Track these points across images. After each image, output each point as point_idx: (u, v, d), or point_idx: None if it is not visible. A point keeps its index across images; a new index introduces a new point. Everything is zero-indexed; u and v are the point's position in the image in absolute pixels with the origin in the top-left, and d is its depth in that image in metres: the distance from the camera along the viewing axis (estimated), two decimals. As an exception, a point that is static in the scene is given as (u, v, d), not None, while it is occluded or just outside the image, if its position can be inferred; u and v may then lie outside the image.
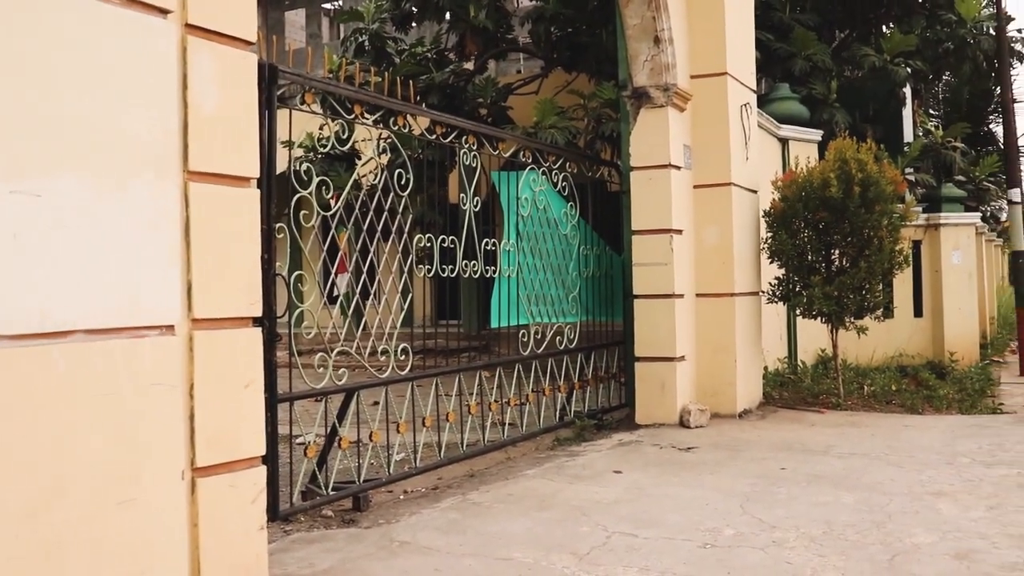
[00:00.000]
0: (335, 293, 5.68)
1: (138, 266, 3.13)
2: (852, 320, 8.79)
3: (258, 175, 3.78)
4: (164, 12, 3.31)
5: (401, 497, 5.53)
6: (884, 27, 14.37)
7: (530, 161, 7.29)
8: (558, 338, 7.52)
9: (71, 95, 2.93)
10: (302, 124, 4.97)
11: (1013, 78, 14.90)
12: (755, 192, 9.14)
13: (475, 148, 6.37)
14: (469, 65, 13.80)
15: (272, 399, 4.43)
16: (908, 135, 14.28)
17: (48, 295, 2.82)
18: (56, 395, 2.82)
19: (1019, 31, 14.78)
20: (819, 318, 8.87)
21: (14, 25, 2.75)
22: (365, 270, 5.32)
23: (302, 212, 4.79)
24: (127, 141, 3.12)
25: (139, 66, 3.19)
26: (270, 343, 4.35)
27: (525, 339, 7.04)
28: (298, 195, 4.83)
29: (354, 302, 5.31)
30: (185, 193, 3.40)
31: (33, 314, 2.77)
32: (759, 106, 9.98)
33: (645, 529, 4.69)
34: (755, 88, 9.39)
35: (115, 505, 2.98)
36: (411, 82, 6.31)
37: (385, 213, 5.44)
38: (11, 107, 2.73)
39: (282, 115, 4.73)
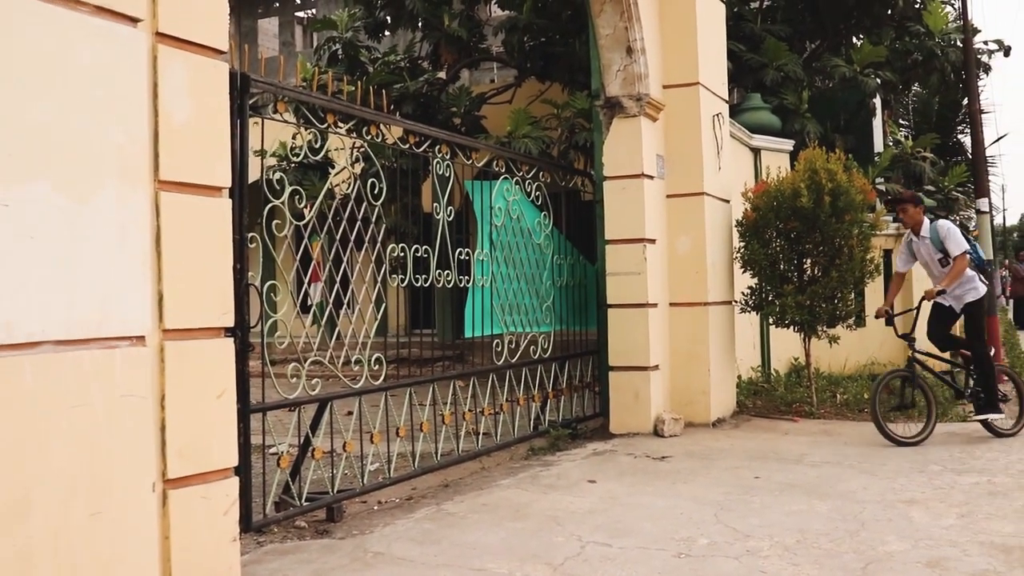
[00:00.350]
0: (308, 303, 5.65)
1: (108, 276, 3.11)
2: (824, 329, 8.85)
3: (230, 184, 3.77)
4: (134, 21, 3.30)
5: (375, 508, 5.50)
6: (854, 38, 14.52)
7: (504, 171, 7.28)
8: (532, 347, 7.51)
9: (39, 104, 2.90)
10: (275, 133, 4.95)
11: (980, 89, 15.11)
12: (727, 201, 9.20)
13: (449, 158, 6.37)
14: (443, 74, 13.79)
15: (245, 409, 4.39)
16: (878, 145, 14.41)
17: (15, 306, 2.79)
18: (24, 407, 2.79)
19: (985, 43, 14.93)
20: (792, 327, 8.93)
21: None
22: (339, 280, 5.30)
23: (275, 221, 4.76)
24: (96, 150, 3.10)
25: (109, 75, 3.17)
26: (243, 353, 4.32)
27: (499, 348, 7.04)
28: (271, 204, 4.81)
29: (327, 312, 5.28)
30: (156, 203, 3.38)
31: (1, 324, 2.74)
32: (731, 116, 10.06)
33: (620, 539, 4.69)
34: (727, 98, 9.47)
35: (86, 517, 2.95)
36: (384, 91, 6.31)
37: (359, 222, 5.42)
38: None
39: (254, 124, 4.71)
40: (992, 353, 7.89)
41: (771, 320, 9.26)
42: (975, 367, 7.59)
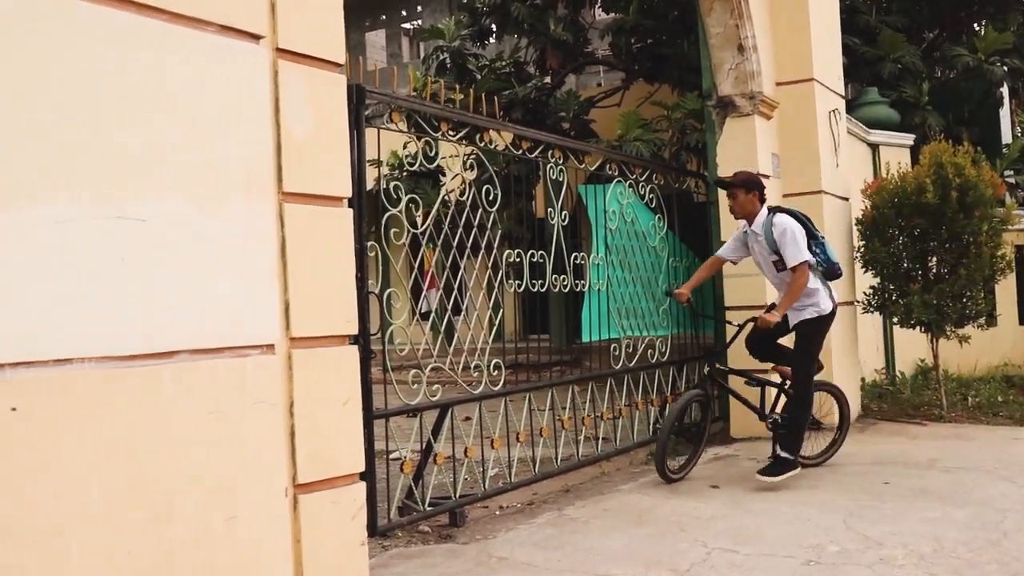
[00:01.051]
0: (424, 309, 5.71)
1: (239, 287, 3.19)
2: (953, 329, 8.50)
3: (350, 194, 3.83)
4: (256, 38, 3.38)
5: (497, 512, 5.52)
6: (976, 25, 13.93)
7: (616, 174, 7.25)
8: (649, 351, 7.45)
9: (170, 122, 3.00)
10: (386, 143, 5.02)
11: (1117, 73, 14.26)
12: (846, 199, 8.93)
13: (562, 162, 6.36)
14: (549, 79, 13.81)
15: (368, 416, 4.46)
16: (1006, 136, 13.80)
17: (155, 316, 2.88)
18: (164, 413, 2.88)
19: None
20: (918, 327, 8.61)
21: (120, 61, 2.83)
22: (456, 286, 5.34)
23: (392, 230, 4.83)
24: (224, 165, 3.18)
25: (234, 91, 3.25)
26: (365, 360, 4.39)
27: (616, 353, 6.99)
28: (388, 213, 4.88)
29: (446, 318, 5.33)
30: (280, 214, 3.45)
31: (141, 335, 2.84)
32: (847, 112, 9.76)
33: (745, 545, 4.59)
34: (843, 93, 9.20)
35: (223, 521, 3.03)
36: (495, 98, 6.34)
37: (474, 229, 5.46)
38: (116, 137, 2.81)
39: (369, 134, 4.78)
40: (817, 373, 6.34)
41: (895, 320, 8.95)
42: (791, 397, 6.22)
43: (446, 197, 5.49)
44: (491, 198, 5.58)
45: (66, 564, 2.58)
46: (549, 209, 6.33)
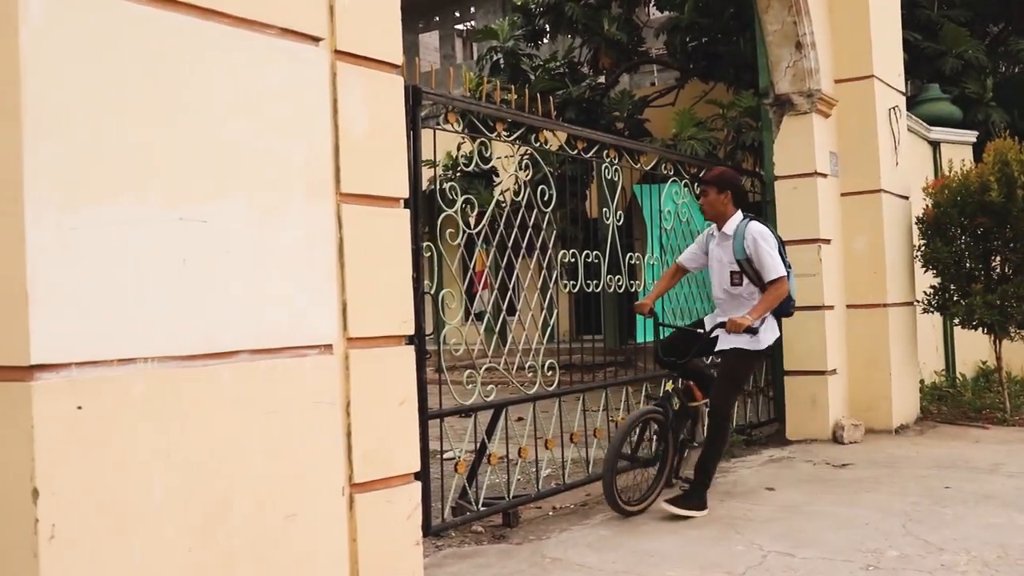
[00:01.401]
0: (478, 310, 5.73)
1: (297, 288, 3.22)
2: (1017, 330, 8.31)
3: (407, 195, 3.85)
4: (316, 40, 3.41)
5: (550, 513, 5.51)
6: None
7: (671, 173, 7.20)
8: (703, 352, 7.37)
9: (231, 124, 3.04)
10: (440, 144, 5.04)
11: None
12: (906, 198, 8.78)
13: (616, 161, 6.34)
14: (603, 79, 13.77)
15: (423, 416, 4.48)
16: (1074, 132, 13.43)
17: (215, 317, 2.92)
18: (225, 412, 2.92)
19: None
20: (980, 328, 8.43)
21: (184, 64, 2.88)
22: (511, 286, 5.35)
23: (447, 230, 4.84)
24: (283, 166, 3.22)
25: (293, 93, 3.29)
26: (420, 360, 4.41)
27: (672, 354, 6.92)
28: (444, 213, 4.90)
29: (501, 318, 5.34)
30: (338, 215, 3.48)
31: (201, 335, 2.88)
32: (907, 108, 9.58)
33: (802, 549, 4.53)
34: (903, 90, 9.04)
35: (281, 519, 3.07)
36: (549, 97, 6.34)
37: (529, 229, 5.46)
38: (177, 139, 2.85)
39: (424, 135, 4.80)
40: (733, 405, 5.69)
41: (956, 321, 8.78)
42: (708, 428, 5.57)
43: (500, 198, 5.50)
44: (546, 198, 5.58)
45: (129, 562, 2.62)
46: (604, 209, 6.31)
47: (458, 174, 10.10)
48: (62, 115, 2.54)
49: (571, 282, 5.93)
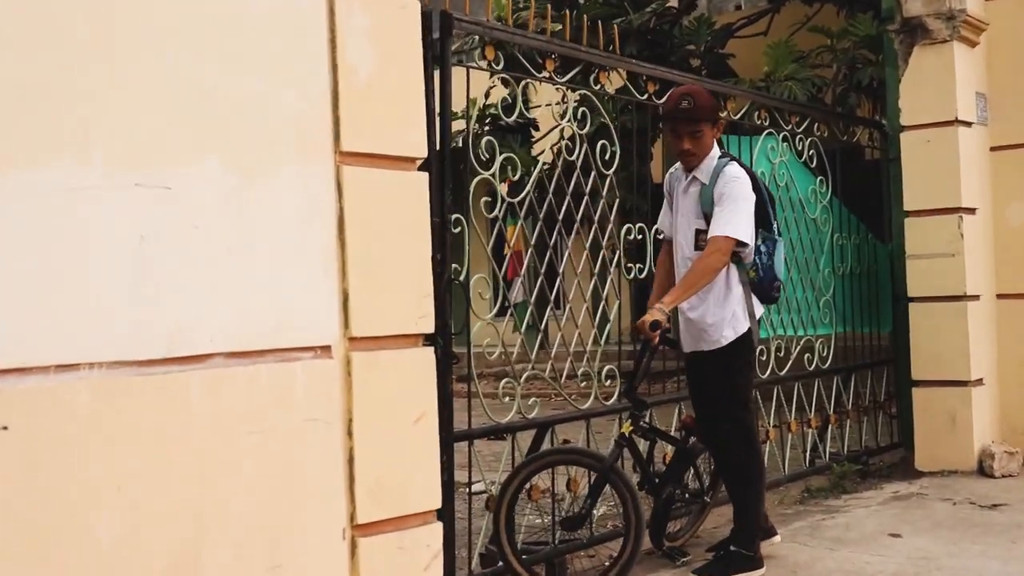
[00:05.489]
0: (517, 301, 5.73)
1: (285, 273, 3.21)
2: None
3: (425, 154, 3.83)
4: (307, -49, 3.40)
5: (606, 563, 5.50)
6: None
7: (766, 124, 7.15)
8: (806, 355, 7.36)
9: (201, 62, 3.02)
10: (463, 88, 5.00)
11: None
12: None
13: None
14: (674, 2, 13.69)
15: (448, 437, 4.47)
16: None
17: (180, 311, 2.92)
18: (192, 433, 2.92)
19: None
20: None
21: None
22: (560, 271, 5.33)
23: (482, 199, 4.82)
24: (269, 117, 3.20)
25: (280, 23, 3.27)
26: (445, 367, 4.40)
27: (763, 357, 6.89)
28: (478, 177, 4.87)
29: (547, 313, 5.31)
30: (338, 180, 3.45)
31: (163, 334, 2.88)
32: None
33: (940, 615, 4.49)
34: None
35: (264, 572, 3.07)
36: (612, 25, 6.31)
37: (585, 197, 5.43)
38: (131, 81, 2.84)
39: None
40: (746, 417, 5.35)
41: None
42: (718, 471, 5.46)
43: (544, 157, 5.49)
44: (607, 156, 5.55)
45: (69, 621, 2.63)
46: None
47: (487, 127, 10.08)
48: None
49: (636, 265, 5.90)
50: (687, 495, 5.71)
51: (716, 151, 5.24)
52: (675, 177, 5.37)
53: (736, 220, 4.99)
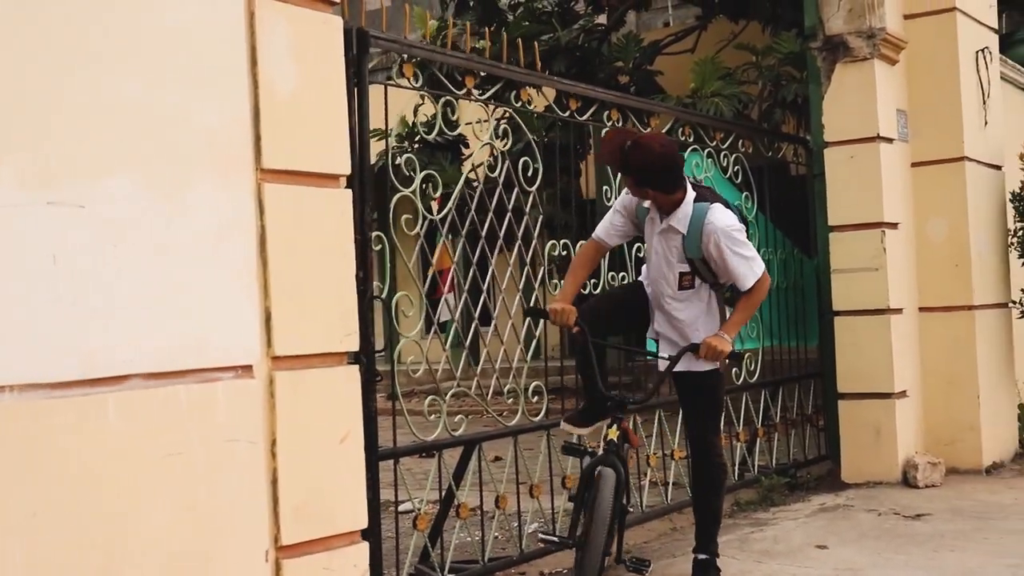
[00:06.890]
0: (443, 319, 5.72)
1: (206, 291, 3.19)
2: None
3: (349, 171, 3.83)
4: (226, -33, 3.38)
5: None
6: None
7: (690, 140, 7.21)
8: (734, 370, 7.39)
9: (117, 76, 3.00)
10: (392, 106, 5.01)
11: None
12: (998, 168, 8.82)
13: (620, 125, 6.33)
14: (603, 19, 13.78)
15: (372, 456, 4.46)
16: None
17: (97, 331, 2.89)
18: (109, 457, 2.89)
19: None
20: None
21: (50, -6, 2.85)
22: (485, 288, 5.33)
23: (403, 217, 4.83)
24: (187, 134, 3.19)
25: (198, 38, 3.26)
26: (369, 385, 4.39)
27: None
28: (399, 195, 4.88)
29: (472, 330, 5.32)
30: (259, 197, 3.45)
31: (78, 356, 2.85)
32: (1001, 51, 9.59)
33: (865, 625, 4.54)
34: (995, 27, 9.07)
35: (185, 597, 3.04)
36: (535, 43, 6.34)
37: (508, 214, 5.45)
38: (45, 94, 2.81)
39: (372, 93, 4.77)
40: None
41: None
42: (703, 477, 5.43)
43: (471, 174, 5.50)
44: (529, 173, 5.57)
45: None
46: (604, 187, 6.31)
47: (416, 145, 10.07)
48: None
49: (559, 281, 5.91)
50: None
51: (690, 194, 5.03)
52: (644, 211, 5.21)
53: (754, 255, 5.13)
